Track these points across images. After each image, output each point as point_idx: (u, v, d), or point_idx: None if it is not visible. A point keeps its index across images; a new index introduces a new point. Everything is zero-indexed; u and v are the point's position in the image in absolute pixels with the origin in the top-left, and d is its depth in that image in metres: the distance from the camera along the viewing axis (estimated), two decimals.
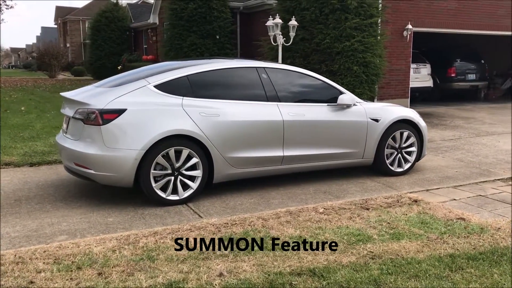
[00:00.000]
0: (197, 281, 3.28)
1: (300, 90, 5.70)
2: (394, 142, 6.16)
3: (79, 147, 4.76)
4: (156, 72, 5.18)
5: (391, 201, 5.17)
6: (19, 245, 3.91)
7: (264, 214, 4.67)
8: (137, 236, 4.07)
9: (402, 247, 3.90)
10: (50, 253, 3.68)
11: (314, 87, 5.79)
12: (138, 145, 4.67)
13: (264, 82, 5.43)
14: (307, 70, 5.88)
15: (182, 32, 17.24)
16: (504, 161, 7.29)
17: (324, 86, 5.82)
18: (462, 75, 15.95)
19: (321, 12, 11.52)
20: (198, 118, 4.94)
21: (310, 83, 5.77)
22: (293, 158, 5.51)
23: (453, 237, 4.13)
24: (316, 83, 5.80)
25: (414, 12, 13.41)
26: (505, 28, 15.16)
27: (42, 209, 4.84)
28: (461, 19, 14.23)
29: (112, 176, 4.73)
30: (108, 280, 3.27)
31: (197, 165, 4.99)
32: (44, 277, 3.29)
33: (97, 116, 4.64)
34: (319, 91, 5.79)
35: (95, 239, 3.99)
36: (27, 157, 6.87)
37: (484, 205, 5.12)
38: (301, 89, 5.71)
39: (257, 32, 17.96)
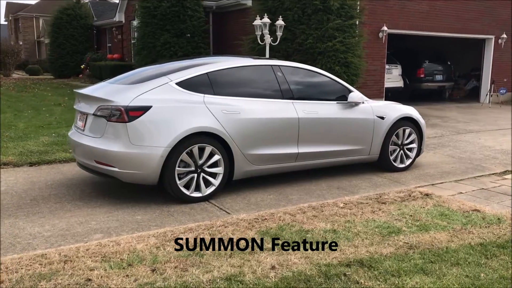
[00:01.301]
0: (253, 274, 3.33)
1: (312, 87, 5.82)
2: (397, 139, 6.39)
3: (102, 144, 4.69)
4: (175, 69, 5.16)
5: (403, 195, 5.37)
6: (57, 244, 3.83)
7: (289, 210, 4.75)
8: (173, 233, 4.06)
9: (433, 238, 4.08)
10: (93, 251, 3.63)
11: (324, 84, 5.93)
12: (164, 142, 4.66)
13: (279, 80, 5.52)
14: (317, 68, 6.01)
15: (155, 30, 17.03)
16: (491, 156, 7.69)
17: (333, 84, 5.97)
18: (430, 76, 16.58)
19: (304, 13, 11.73)
20: (220, 116, 4.97)
21: (321, 80, 5.91)
22: (306, 155, 5.63)
23: (476, 227, 4.36)
24: (326, 80, 5.94)
25: (389, 14, 13.85)
26: (471, 31, 15.89)
27: (63, 208, 4.73)
28: (432, 22, 14.81)
29: (138, 173, 4.69)
30: (165, 276, 3.27)
31: (218, 162, 5.02)
32: (100, 275, 3.25)
33: (123, 113, 4.59)
34: (329, 89, 5.94)
35: (133, 237, 3.96)
36: (24, 157, 6.66)
37: (490, 197, 5.41)
38: (313, 87, 5.84)
39: (230, 31, 18.01)
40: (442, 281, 3.29)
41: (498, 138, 9.46)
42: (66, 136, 8.11)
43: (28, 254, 3.56)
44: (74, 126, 5.43)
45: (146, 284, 3.15)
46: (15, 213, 4.55)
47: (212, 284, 3.18)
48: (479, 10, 16.01)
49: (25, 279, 3.16)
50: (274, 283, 3.20)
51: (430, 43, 17.23)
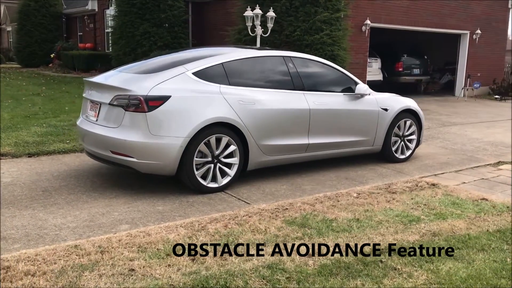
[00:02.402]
0: (292, 262, 3.37)
1: (321, 79, 5.89)
2: (399, 130, 6.54)
3: (120, 134, 4.62)
4: (189, 59, 5.12)
5: (411, 185, 5.51)
6: (86, 235, 3.77)
7: (306, 200, 4.81)
8: (200, 223, 4.06)
9: (452, 226, 4.21)
10: (126, 241, 3.59)
11: (332, 76, 6.00)
12: (183, 133, 4.63)
13: (291, 71, 5.55)
14: (326, 60, 6.08)
15: (134, 20, 16.75)
16: (481, 148, 7.96)
17: (340, 76, 6.06)
18: (408, 69, 16.94)
19: (291, 5, 11.79)
20: (237, 106, 4.97)
21: (329, 72, 5.98)
22: (316, 146, 5.70)
23: (489, 215, 4.53)
24: (334, 72, 6.02)
25: (372, 8, 14.06)
26: (448, 26, 16.31)
27: (79, 199, 4.65)
28: (412, 17, 15.12)
29: (156, 164, 4.65)
30: (206, 265, 3.27)
31: (234, 152, 5.03)
32: (142, 265, 3.23)
33: (142, 103, 4.53)
34: (337, 81, 6.01)
35: (161, 227, 3.93)
36: (21, 148, 6.47)
37: (493, 187, 5.61)
38: (322, 78, 5.91)
39: (210, 22, 17.88)
40: (473, 266, 3.41)
41: (483, 131, 9.79)
42: (58, 126, 7.95)
43: (60, 245, 3.50)
44: (83, 115, 5.31)
45: (191, 273, 3.15)
46: (31, 205, 4.44)
47: (256, 272, 3.20)
48: (455, 5, 16.45)
49: (67, 270, 3.11)
50: (316, 270, 3.26)
51: (408, 37, 17.59)
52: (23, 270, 3.07)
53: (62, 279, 2.99)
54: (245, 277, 3.12)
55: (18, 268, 3.10)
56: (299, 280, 3.11)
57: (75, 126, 8.10)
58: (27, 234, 3.75)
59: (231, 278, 3.10)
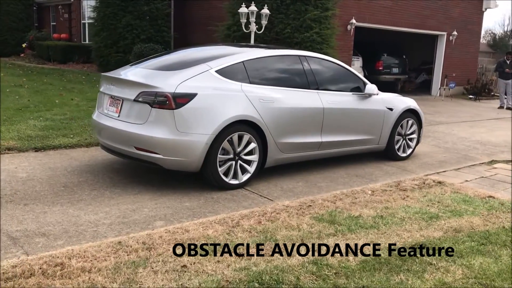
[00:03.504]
0: (334, 258, 3.49)
1: (333, 78, 6.03)
2: (402, 129, 6.76)
3: (146, 131, 4.62)
4: (211, 57, 5.17)
5: (418, 183, 5.73)
6: (125, 232, 3.80)
7: (325, 197, 4.95)
8: (232, 219, 4.13)
9: (469, 222, 4.43)
10: (167, 238, 3.63)
11: (343, 76, 6.15)
12: (209, 130, 4.68)
13: (306, 70, 5.67)
14: (338, 60, 6.22)
15: (117, 11, 16.51)
16: (471, 147, 8.30)
17: (350, 76, 6.22)
18: (388, 68, 17.34)
19: (282, 2, 11.88)
20: (257, 104, 5.05)
21: (340, 72, 6.13)
22: (328, 144, 5.84)
23: (500, 212, 4.77)
24: (345, 72, 6.18)
25: (357, 8, 14.32)
26: (428, 27, 16.77)
27: (103, 195, 4.64)
28: (395, 17, 15.48)
29: (182, 160, 4.69)
30: (254, 261, 3.36)
31: (254, 150, 5.11)
32: (192, 261, 3.29)
33: (170, 100, 4.55)
34: (347, 80, 6.17)
35: (195, 223, 3.99)
36: (25, 142, 6.36)
37: (494, 185, 5.90)
38: (334, 78, 6.05)
39: (193, 16, 17.79)
40: (501, 261, 3.62)
41: (468, 130, 10.18)
42: (55, 120, 7.82)
43: (103, 242, 3.51)
44: (101, 110, 5.28)
45: (241, 269, 3.23)
46: (57, 200, 4.41)
47: (303, 267, 3.31)
48: (434, 7, 16.92)
49: (121, 266, 3.14)
50: (359, 266, 3.39)
51: (388, 37, 17.97)
52: (78, 267, 3.09)
53: (119, 276, 3.02)
54: (295, 273, 3.23)
55: (72, 265, 3.11)
56: (347, 276, 3.24)
57: (71, 120, 8.02)
58: (66, 231, 3.74)
59: (282, 274, 3.20)
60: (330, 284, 3.12)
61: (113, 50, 16.72)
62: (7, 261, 3.14)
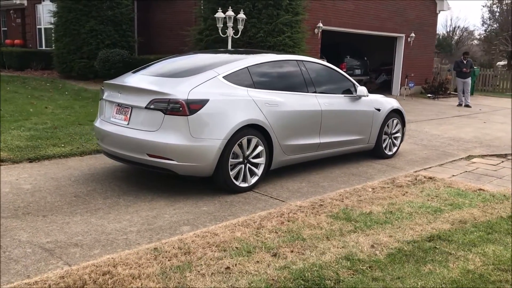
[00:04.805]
0: (362, 253, 3.69)
1: (328, 82, 6.25)
2: (388, 128, 7.08)
3: (160, 138, 4.66)
4: (217, 63, 5.28)
5: (411, 179, 6.03)
6: (156, 238, 3.84)
7: (332, 196, 5.15)
8: (254, 221, 4.25)
9: (470, 214, 4.75)
10: (200, 242, 3.71)
11: (336, 79, 6.40)
12: (221, 135, 4.77)
13: (304, 74, 5.86)
14: (331, 64, 6.45)
15: (80, 17, 16.16)
16: (446, 143, 8.76)
17: (343, 79, 6.47)
18: (351, 70, 17.85)
19: (254, 7, 12.05)
20: (264, 108, 5.19)
21: (333, 75, 6.37)
22: (325, 144, 6.06)
23: (493, 203, 5.12)
24: (337, 75, 6.42)
25: (323, 11, 14.70)
26: (387, 30, 17.41)
27: (119, 203, 4.64)
28: (357, 20, 15.99)
29: (196, 166, 4.76)
30: (291, 260, 3.50)
31: (261, 153, 5.24)
32: (233, 263, 3.39)
33: (184, 107, 4.61)
34: (340, 83, 6.42)
35: (220, 227, 4.08)
36: (17, 153, 6.21)
37: (479, 178, 6.29)
38: (328, 81, 6.27)
39: (158, 20, 17.67)
40: (510, 248, 3.93)
41: (438, 127, 10.71)
42: (38, 130, 7.66)
43: (139, 249, 3.56)
44: (103, 117, 5.27)
45: (282, 268, 3.36)
46: (75, 210, 4.38)
47: (338, 263, 3.48)
48: (393, 10, 17.60)
49: (167, 271, 3.20)
50: (388, 259, 3.60)
51: (350, 39, 18.50)
52: (126, 274, 3.13)
53: (169, 281, 3.09)
54: (333, 269, 3.39)
55: (120, 272, 3.14)
56: (381, 268, 3.44)
57: (55, 128, 7.86)
58: (97, 240, 3.75)
59: (321, 270, 3.35)
60: (369, 277, 3.30)
61: (77, 56, 16.36)
62: (51, 272, 3.14)
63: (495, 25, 40.93)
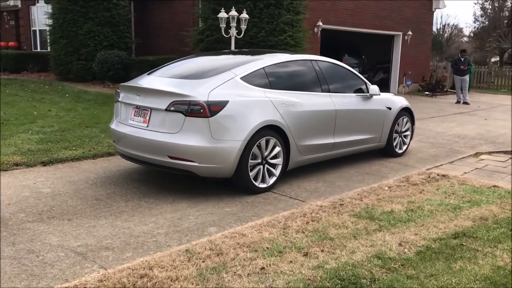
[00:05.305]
0: (391, 251, 3.72)
1: (341, 81, 6.28)
2: (398, 127, 7.12)
3: (181, 140, 4.66)
4: (232, 64, 5.28)
5: (424, 177, 6.08)
6: (186, 240, 3.84)
7: (350, 195, 5.18)
8: (279, 221, 4.27)
9: (489, 211, 4.79)
10: (230, 243, 3.72)
11: (349, 78, 6.43)
12: (241, 136, 4.78)
13: (318, 74, 5.88)
14: (343, 63, 6.48)
15: (77, 18, 16.08)
16: (452, 141, 8.83)
17: (355, 78, 6.50)
18: None
19: (256, 6, 12.06)
20: (281, 109, 5.21)
21: (346, 74, 6.40)
22: (339, 144, 6.09)
23: (510, 200, 5.19)
24: (350, 74, 6.45)
25: (323, 10, 14.75)
26: (386, 28, 17.49)
27: (141, 206, 4.64)
28: (356, 19, 16.05)
29: (217, 167, 4.76)
30: (322, 259, 3.52)
31: (278, 153, 5.26)
32: (266, 263, 3.40)
33: (205, 109, 4.62)
34: (352, 82, 6.45)
35: (247, 227, 4.10)
36: (30, 156, 6.18)
37: (491, 175, 6.35)
38: (341, 80, 6.30)
39: (155, 21, 17.64)
40: None
41: (441, 125, 10.78)
42: (47, 133, 7.62)
43: (170, 251, 3.56)
44: (119, 119, 5.27)
45: (316, 268, 3.38)
46: (98, 214, 4.37)
47: (369, 262, 3.51)
48: (391, 8, 17.69)
49: (204, 273, 3.21)
50: (418, 256, 3.63)
51: (348, 38, 18.58)
52: (164, 276, 3.13)
53: (208, 282, 3.10)
54: (366, 267, 3.42)
55: (157, 275, 3.15)
56: (413, 266, 3.47)
57: (63, 131, 7.82)
58: (127, 243, 3.74)
59: (354, 269, 3.38)
60: (403, 276, 3.32)
61: (75, 58, 16.28)
62: (89, 276, 3.14)
63: (486, 22, 41.26)
